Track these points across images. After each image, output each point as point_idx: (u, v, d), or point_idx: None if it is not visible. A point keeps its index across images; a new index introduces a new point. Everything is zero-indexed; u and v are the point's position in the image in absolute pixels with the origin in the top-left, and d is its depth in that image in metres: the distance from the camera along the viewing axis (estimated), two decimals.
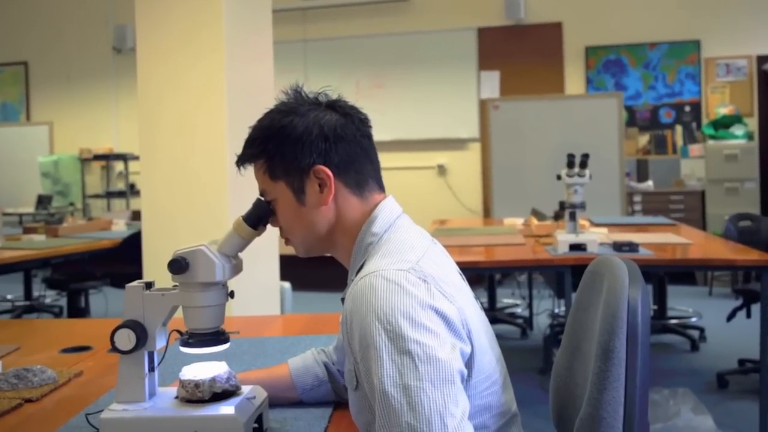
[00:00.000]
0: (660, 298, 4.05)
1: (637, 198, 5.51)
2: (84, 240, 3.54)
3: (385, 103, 6.19)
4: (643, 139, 5.94)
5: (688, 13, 5.83)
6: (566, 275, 2.71)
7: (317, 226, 0.95)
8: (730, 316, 3.35)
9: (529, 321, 4.18)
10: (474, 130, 6.15)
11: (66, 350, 1.45)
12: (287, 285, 3.33)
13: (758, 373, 3.04)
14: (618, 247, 2.75)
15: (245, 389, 0.99)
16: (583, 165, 2.73)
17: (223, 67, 2.58)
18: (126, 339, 0.94)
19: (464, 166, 6.20)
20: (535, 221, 3.70)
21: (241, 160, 0.98)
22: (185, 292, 0.95)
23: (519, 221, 3.99)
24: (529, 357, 3.59)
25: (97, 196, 6.46)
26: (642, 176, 5.71)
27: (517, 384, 1.00)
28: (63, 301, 4.63)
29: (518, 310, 4.58)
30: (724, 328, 3.79)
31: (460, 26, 6.15)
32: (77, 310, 3.96)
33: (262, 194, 0.98)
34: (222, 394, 0.95)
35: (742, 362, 3.19)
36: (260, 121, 0.98)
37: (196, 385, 0.94)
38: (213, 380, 0.95)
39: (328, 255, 1.02)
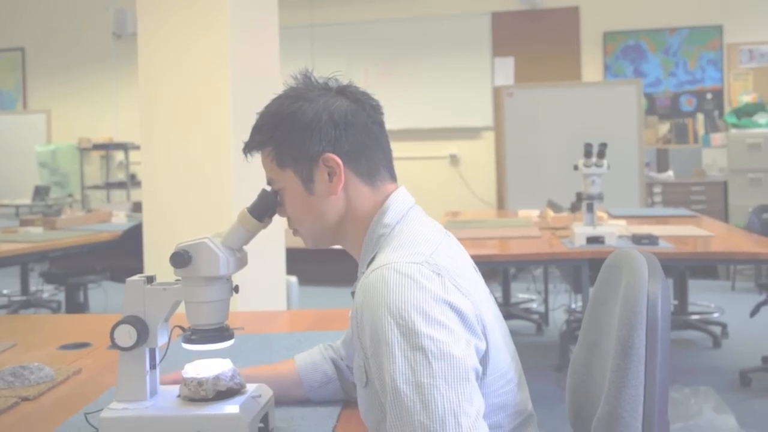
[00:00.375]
0: (681, 293, 3.98)
1: (657, 189, 5.41)
2: (83, 232, 3.50)
3: (396, 90, 6.12)
4: (663, 128, 5.83)
5: None
6: (583, 269, 2.68)
7: (326, 216, 0.94)
8: (754, 312, 3.31)
9: (544, 316, 4.14)
10: (488, 118, 6.07)
11: (64, 347, 1.44)
12: (294, 279, 3.30)
13: None
14: (637, 239, 2.72)
15: (250, 387, 0.97)
16: (601, 155, 2.70)
17: (228, 53, 2.54)
18: (126, 335, 0.92)
19: (477, 156, 6.13)
20: (550, 213, 3.64)
21: (248, 147, 0.97)
22: (188, 287, 0.94)
23: (534, 213, 3.94)
24: (545, 354, 3.54)
25: (96, 186, 6.38)
26: (662, 166, 5.61)
27: (532, 382, 0.98)
28: (61, 296, 4.58)
29: (534, 306, 4.54)
30: (747, 324, 3.72)
31: (474, 11, 6.06)
32: (76, 306, 3.90)
33: (269, 183, 0.97)
34: (226, 393, 0.94)
35: (766, 359, 3.13)
36: (268, 107, 0.96)
37: (200, 383, 0.93)
38: (217, 378, 0.93)
39: (337, 247, 0.99)
